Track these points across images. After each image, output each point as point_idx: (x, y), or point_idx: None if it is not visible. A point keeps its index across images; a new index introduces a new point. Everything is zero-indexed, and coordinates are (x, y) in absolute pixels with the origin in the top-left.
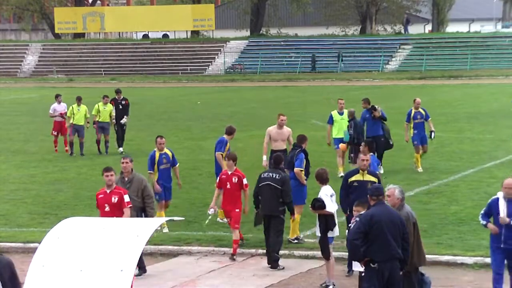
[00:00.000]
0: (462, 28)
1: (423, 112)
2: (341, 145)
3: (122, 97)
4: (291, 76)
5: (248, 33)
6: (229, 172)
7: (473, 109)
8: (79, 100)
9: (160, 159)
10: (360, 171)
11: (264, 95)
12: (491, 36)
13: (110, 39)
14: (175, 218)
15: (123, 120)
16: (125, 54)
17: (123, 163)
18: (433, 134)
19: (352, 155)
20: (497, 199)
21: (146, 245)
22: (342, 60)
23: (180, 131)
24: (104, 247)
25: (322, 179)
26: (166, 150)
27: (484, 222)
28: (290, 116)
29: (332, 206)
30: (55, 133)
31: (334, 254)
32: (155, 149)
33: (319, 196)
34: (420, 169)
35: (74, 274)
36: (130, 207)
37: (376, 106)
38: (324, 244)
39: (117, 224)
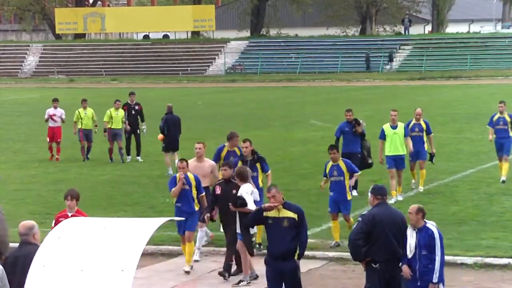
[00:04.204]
0: (462, 28)
1: (423, 125)
2: (159, 136)
3: (135, 101)
4: (291, 77)
5: (248, 34)
6: (69, 214)
7: (473, 109)
8: (84, 102)
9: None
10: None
11: (264, 95)
12: (491, 36)
13: (111, 39)
14: (175, 218)
15: (143, 128)
16: (125, 55)
17: None
18: (433, 158)
19: (163, 145)
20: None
21: (146, 245)
22: (393, 60)
23: None
24: (105, 247)
25: (243, 177)
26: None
27: (400, 264)
28: (290, 117)
29: (252, 203)
30: (48, 140)
31: (333, 254)
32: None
33: (239, 194)
34: (413, 181)
35: (75, 274)
36: None
37: (361, 121)
38: (248, 240)
39: (118, 224)
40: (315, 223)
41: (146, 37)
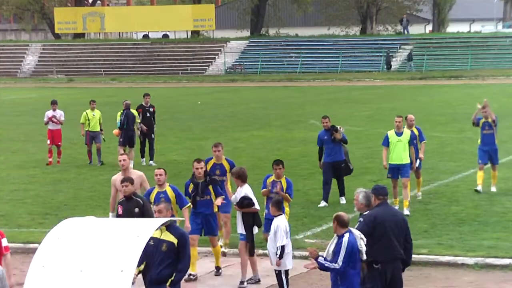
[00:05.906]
0: (463, 28)
1: (416, 132)
2: (115, 131)
3: (149, 103)
4: (291, 76)
5: (248, 33)
6: None
7: (474, 109)
8: (92, 103)
9: (157, 197)
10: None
11: (264, 95)
12: (492, 36)
13: (110, 39)
14: (175, 219)
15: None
16: (125, 54)
17: None
18: (419, 161)
19: (121, 139)
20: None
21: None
22: (412, 59)
23: (181, 131)
24: (104, 248)
25: (243, 178)
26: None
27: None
28: (290, 117)
29: (257, 203)
30: (48, 142)
31: None
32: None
33: (245, 194)
34: (414, 192)
35: (74, 274)
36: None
37: (338, 127)
38: (252, 240)
39: (117, 224)
40: (315, 223)
41: (145, 36)
